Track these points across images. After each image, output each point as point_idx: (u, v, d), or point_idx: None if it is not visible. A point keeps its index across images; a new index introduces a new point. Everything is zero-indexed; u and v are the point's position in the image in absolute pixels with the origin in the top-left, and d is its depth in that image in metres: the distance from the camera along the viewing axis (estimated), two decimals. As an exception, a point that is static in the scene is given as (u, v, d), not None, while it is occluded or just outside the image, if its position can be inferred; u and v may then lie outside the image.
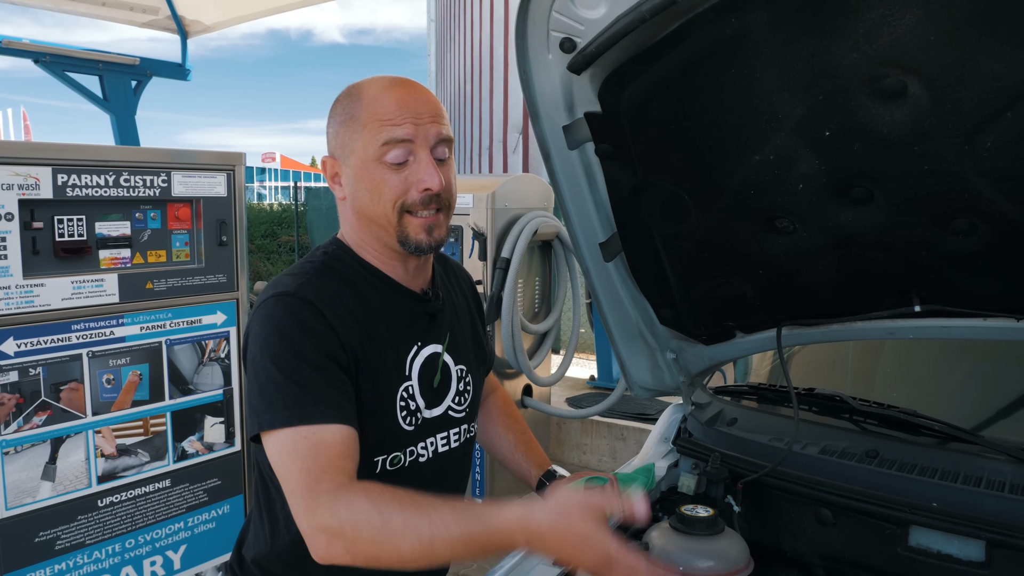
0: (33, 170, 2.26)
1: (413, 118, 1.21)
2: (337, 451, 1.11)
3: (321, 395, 1.14)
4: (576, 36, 1.28)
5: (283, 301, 1.20)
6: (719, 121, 1.25)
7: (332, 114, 1.29)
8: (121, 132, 4.66)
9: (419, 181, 1.22)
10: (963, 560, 1.33)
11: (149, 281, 2.58)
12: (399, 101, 1.22)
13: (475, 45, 10.50)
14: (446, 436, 1.40)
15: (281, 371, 1.14)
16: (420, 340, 1.34)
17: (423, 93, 1.25)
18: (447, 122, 1.28)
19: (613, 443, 4.99)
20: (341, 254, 1.32)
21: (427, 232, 1.25)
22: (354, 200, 1.27)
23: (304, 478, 1.08)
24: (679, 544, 1.35)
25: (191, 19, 4.65)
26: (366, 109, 1.22)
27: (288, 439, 1.11)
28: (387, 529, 1.04)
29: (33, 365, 2.31)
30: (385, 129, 1.20)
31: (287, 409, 1.12)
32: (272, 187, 35.70)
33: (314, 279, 1.25)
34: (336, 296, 1.24)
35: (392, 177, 1.22)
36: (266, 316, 1.20)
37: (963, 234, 1.25)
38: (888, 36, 1.01)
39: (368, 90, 1.24)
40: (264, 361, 1.16)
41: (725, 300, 1.64)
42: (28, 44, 4.19)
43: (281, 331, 1.18)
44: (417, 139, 1.22)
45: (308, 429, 1.11)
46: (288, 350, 1.16)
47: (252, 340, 1.21)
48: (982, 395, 1.85)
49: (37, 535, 2.35)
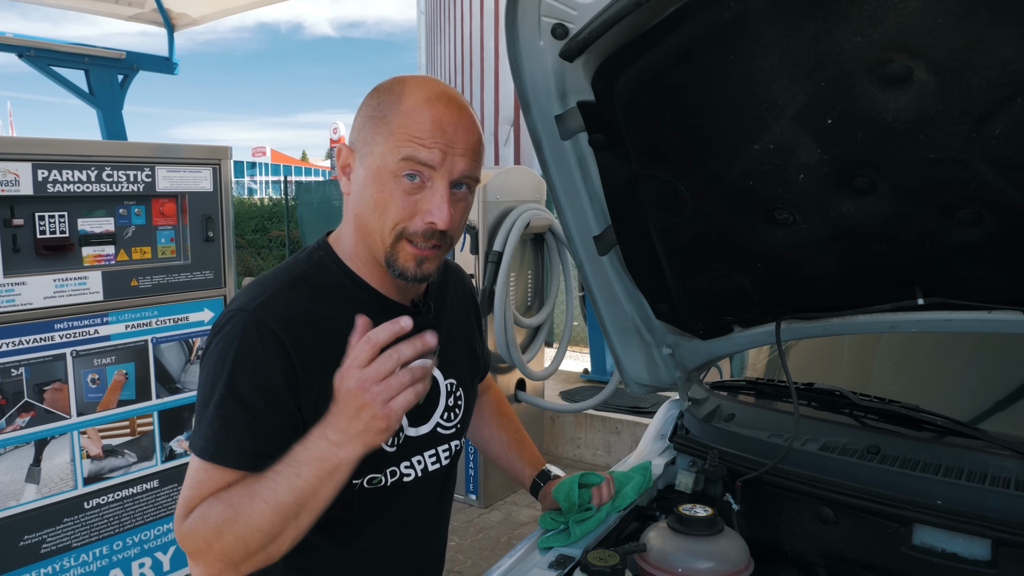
0: (12, 166, 2.21)
1: (445, 145, 1.12)
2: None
3: (239, 439, 1.10)
4: (569, 22, 1.24)
5: (240, 321, 1.13)
6: (717, 109, 1.20)
7: (365, 104, 1.19)
8: (108, 127, 4.60)
9: (427, 212, 1.13)
10: (969, 559, 1.30)
11: (134, 278, 2.53)
12: (436, 122, 1.12)
13: (465, 37, 10.44)
14: (435, 453, 1.33)
15: (213, 402, 1.11)
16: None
17: (466, 120, 1.15)
18: (480, 160, 1.18)
19: (607, 437, 4.96)
20: (327, 262, 1.24)
21: (416, 264, 1.17)
22: (357, 202, 1.19)
23: (183, 505, 1.10)
24: (677, 545, 1.31)
25: (177, 12, 4.58)
26: (401, 116, 1.13)
27: (196, 466, 1.12)
28: (239, 512, 1.04)
29: (15, 365, 2.26)
30: (411, 145, 1.11)
31: (204, 441, 1.11)
32: (263, 181, 35.59)
33: (283, 292, 1.17)
34: (304, 314, 1.16)
35: (402, 197, 1.13)
36: (219, 334, 1.15)
37: (969, 225, 1.21)
38: (894, 19, 0.96)
39: (410, 95, 1.14)
40: (205, 383, 1.14)
41: (723, 294, 1.60)
42: (12, 38, 4.13)
43: (226, 358, 1.12)
44: (440, 168, 1.12)
45: (213, 467, 1.10)
46: (225, 382, 1.10)
47: (204, 350, 1.18)
48: (985, 389, 1.82)
49: (22, 539, 2.31)
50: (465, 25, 10.39)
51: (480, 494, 4.33)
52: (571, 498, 1.45)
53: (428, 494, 1.33)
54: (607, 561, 1.23)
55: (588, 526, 1.44)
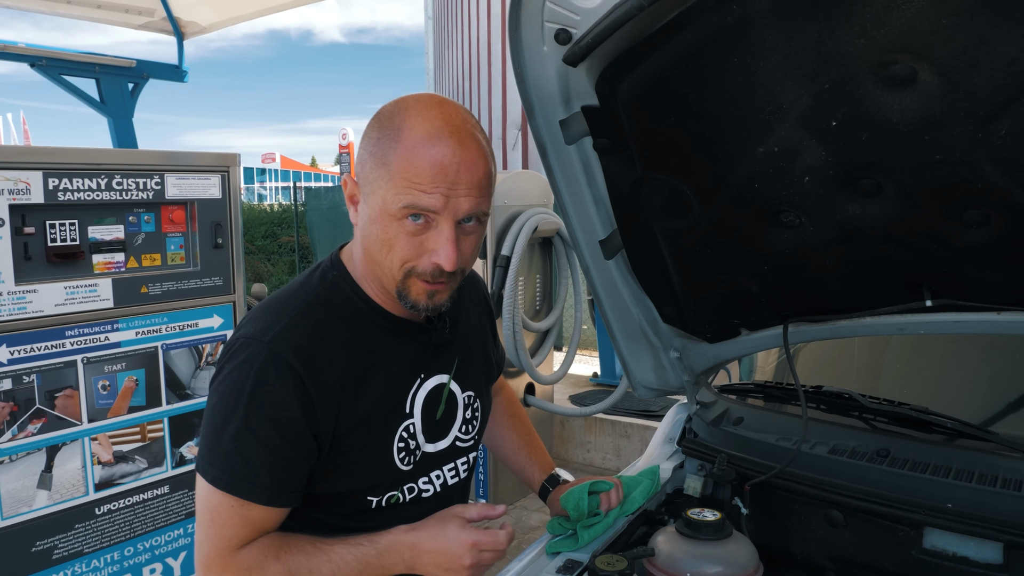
0: (23, 174, 2.22)
1: (446, 188, 1.07)
2: (259, 528, 1.13)
3: (256, 473, 1.10)
4: (572, 27, 1.24)
5: (256, 350, 1.11)
6: (721, 113, 1.20)
7: (367, 136, 1.14)
8: (118, 135, 4.63)
9: (433, 252, 1.11)
10: (980, 562, 1.29)
11: (144, 285, 2.54)
12: (436, 165, 1.06)
13: (473, 42, 10.46)
14: (453, 467, 1.33)
15: (228, 432, 1.10)
16: (423, 372, 1.27)
17: (469, 155, 1.08)
18: (488, 192, 1.14)
19: (617, 440, 4.95)
20: (340, 284, 1.22)
21: (428, 297, 1.15)
22: (365, 237, 1.16)
23: (220, 544, 1.11)
24: (686, 549, 1.31)
25: (187, 20, 4.62)
26: (399, 159, 1.08)
27: (215, 498, 1.11)
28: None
29: (27, 372, 2.27)
30: (411, 193, 1.07)
31: (220, 471, 1.10)
32: (272, 187, 35.72)
33: (299, 319, 1.15)
34: (320, 340, 1.15)
35: (407, 239, 1.10)
36: (234, 360, 1.12)
37: (976, 225, 1.21)
38: (897, 20, 0.96)
39: (408, 134, 1.08)
40: (217, 411, 1.12)
41: (729, 297, 1.60)
42: (24, 48, 4.16)
43: (241, 389, 1.10)
44: (444, 211, 1.08)
45: (235, 500, 1.10)
46: (242, 415, 1.09)
47: (216, 376, 1.15)
48: (995, 390, 1.81)
49: (34, 545, 2.32)
50: (472, 30, 10.41)
51: (490, 499, 4.33)
52: (580, 508, 1.44)
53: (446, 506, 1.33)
54: (615, 566, 1.23)
55: (596, 531, 1.43)
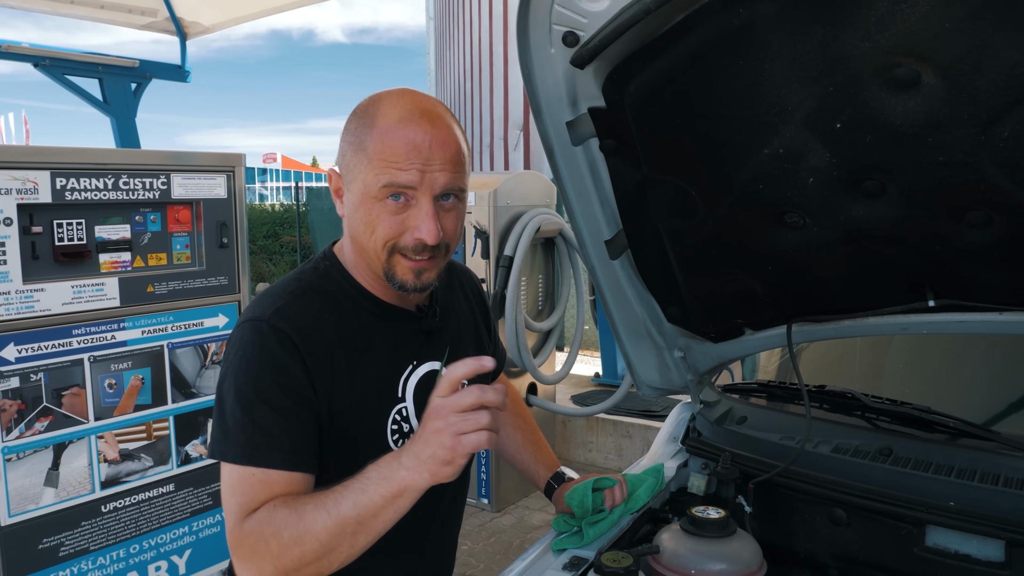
0: (31, 174, 2.24)
1: (421, 164, 1.14)
2: (280, 491, 1.12)
3: (275, 439, 1.12)
4: (579, 30, 1.25)
5: (256, 328, 1.16)
6: (727, 114, 1.22)
7: (346, 129, 1.22)
8: (121, 135, 4.64)
9: (415, 228, 1.16)
10: (982, 560, 1.30)
11: (150, 284, 2.56)
12: (409, 143, 1.13)
13: (474, 42, 10.47)
14: None
15: (241, 407, 1.13)
16: (415, 359, 1.31)
17: (440, 133, 1.16)
18: (463, 168, 1.20)
19: (619, 440, 4.96)
20: (332, 272, 1.28)
21: (415, 275, 1.20)
22: (351, 225, 1.23)
23: (239, 512, 1.11)
24: (690, 547, 1.32)
25: (190, 20, 4.63)
26: (375, 142, 1.15)
27: (236, 473, 1.13)
28: (301, 517, 1.06)
29: (34, 371, 2.29)
30: (388, 172, 1.14)
31: (239, 447, 1.12)
32: (273, 187, 35.74)
33: (294, 302, 1.20)
34: (314, 321, 1.20)
35: (388, 217, 1.16)
36: (237, 343, 1.17)
37: (978, 227, 1.22)
38: (901, 24, 0.97)
39: (382, 119, 1.15)
40: (228, 392, 1.15)
41: (734, 297, 1.61)
42: (27, 48, 4.18)
43: (248, 364, 1.14)
44: (421, 187, 1.15)
45: (257, 469, 1.12)
46: (251, 386, 1.13)
47: (223, 362, 1.19)
48: (997, 390, 1.82)
49: (40, 542, 2.33)
50: (474, 30, 10.42)
51: (492, 498, 4.34)
52: (585, 504, 1.46)
53: (443, 496, 1.35)
54: (620, 563, 1.24)
55: (601, 528, 1.45)
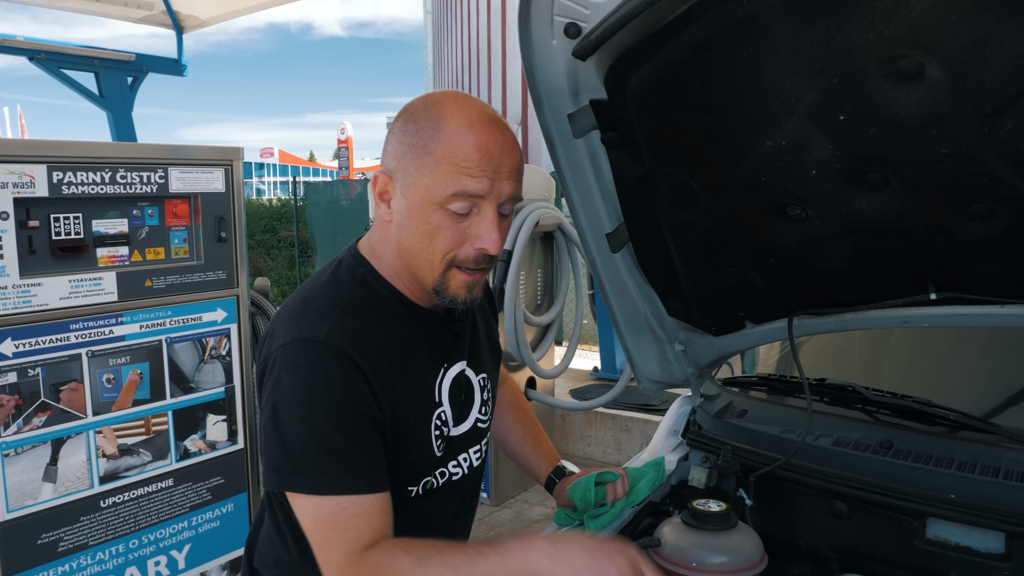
0: (28, 168, 2.23)
1: (492, 172, 1.10)
2: (377, 520, 1.09)
3: (352, 463, 1.08)
4: (581, 21, 1.24)
5: (314, 349, 1.10)
6: (729, 106, 1.21)
7: (400, 129, 1.15)
8: (118, 129, 4.63)
9: (477, 238, 1.12)
10: (983, 552, 1.31)
11: (148, 279, 2.55)
12: (483, 149, 1.09)
13: (472, 36, 10.44)
14: (479, 448, 1.36)
15: (311, 435, 1.08)
16: (446, 362, 1.29)
17: (508, 140, 1.13)
18: (522, 178, 1.18)
19: (618, 434, 4.97)
20: (370, 281, 1.22)
21: (467, 290, 1.17)
22: (400, 232, 1.17)
23: (345, 550, 1.06)
24: (691, 540, 1.32)
25: (186, 14, 4.61)
26: (445, 146, 1.09)
27: (324, 507, 1.08)
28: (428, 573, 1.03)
29: (32, 366, 2.28)
30: (460, 179, 1.09)
31: (317, 476, 1.07)
32: (271, 182, 35.64)
33: (344, 317, 1.14)
34: (367, 336, 1.15)
35: (451, 226, 1.12)
36: (292, 365, 1.11)
37: (981, 219, 1.22)
38: (906, 15, 0.97)
39: (451, 122, 1.10)
40: (290, 419, 1.09)
41: (735, 290, 1.61)
42: (23, 42, 4.16)
43: (310, 388, 1.09)
44: (489, 195, 1.11)
45: (346, 500, 1.07)
46: (318, 412, 1.08)
47: (275, 388, 1.12)
48: (997, 383, 1.82)
49: (39, 537, 2.33)
50: (472, 24, 10.40)
51: (491, 492, 4.34)
52: (587, 498, 1.46)
53: (468, 489, 1.36)
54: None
55: (603, 521, 1.45)
